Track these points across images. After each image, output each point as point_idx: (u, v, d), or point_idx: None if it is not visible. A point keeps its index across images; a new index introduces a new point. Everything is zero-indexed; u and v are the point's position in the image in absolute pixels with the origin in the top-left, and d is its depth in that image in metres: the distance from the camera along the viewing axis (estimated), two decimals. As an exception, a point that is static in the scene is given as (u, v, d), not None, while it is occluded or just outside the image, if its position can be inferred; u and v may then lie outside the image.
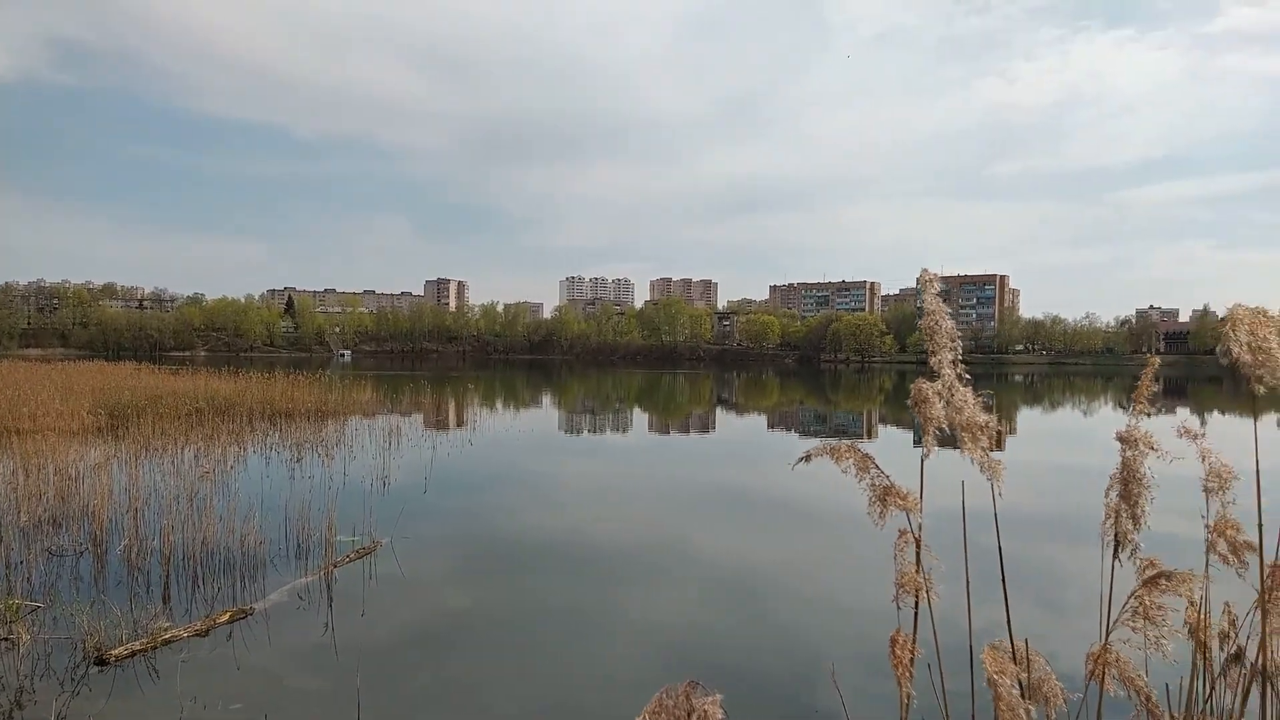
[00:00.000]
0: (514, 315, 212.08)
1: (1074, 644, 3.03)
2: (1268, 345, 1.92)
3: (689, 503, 17.66)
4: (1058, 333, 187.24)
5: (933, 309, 2.30)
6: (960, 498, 2.53)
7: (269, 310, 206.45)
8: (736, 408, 52.02)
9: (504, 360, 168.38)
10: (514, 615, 9.79)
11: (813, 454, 2.30)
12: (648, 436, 33.15)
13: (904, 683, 2.02)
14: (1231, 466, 2.48)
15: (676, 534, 14.38)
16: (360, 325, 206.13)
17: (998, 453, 2.64)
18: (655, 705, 2.00)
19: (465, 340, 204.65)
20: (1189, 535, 2.85)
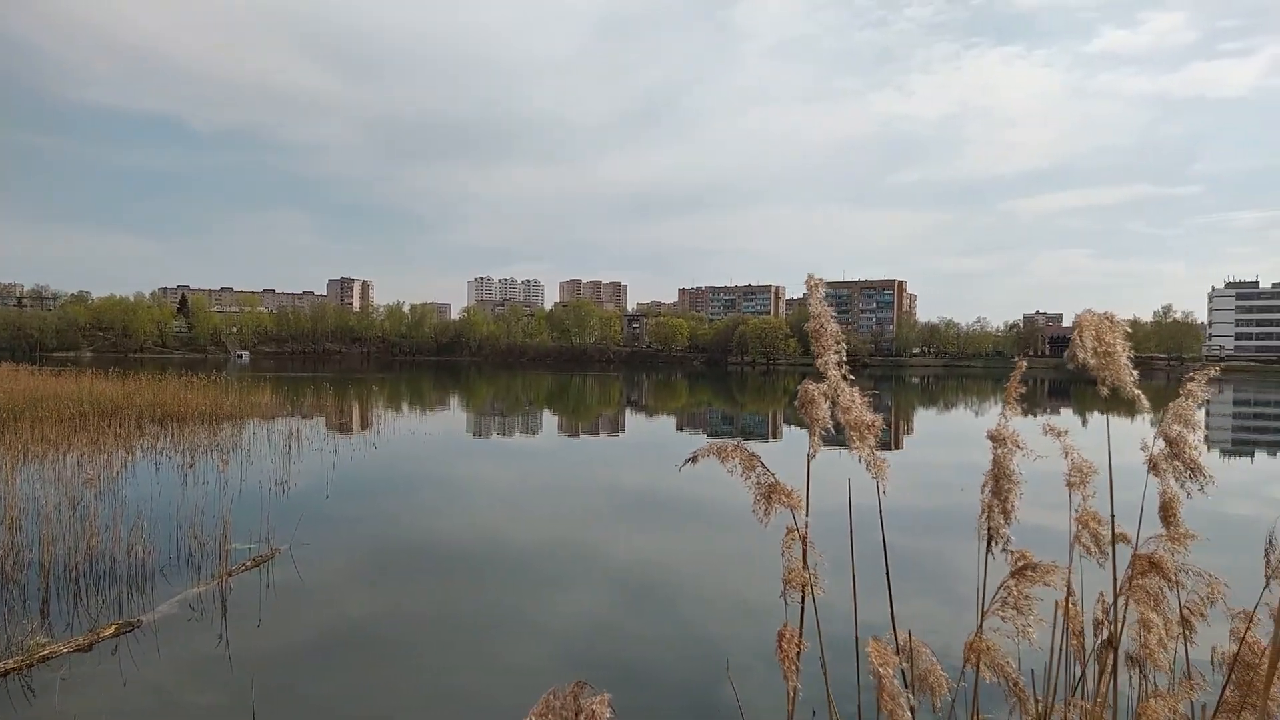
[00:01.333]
0: (421, 316, 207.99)
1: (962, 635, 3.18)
2: (1113, 350, 2.07)
3: (596, 504, 17.70)
4: (951, 336, 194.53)
5: (818, 313, 2.38)
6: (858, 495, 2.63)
7: (161, 309, 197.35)
8: (646, 409, 52.30)
9: (410, 362, 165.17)
10: (417, 621, 9.65)
11: (699, 454, 2.36)
12: (557, 438, 33.05)
13: (790, 676, 2.10)
14: (1091, 462, 2.65)
15: (583, 535, 14.40)
16: (259, 325, 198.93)
17: (896, 452, 2.76)
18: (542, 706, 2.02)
19: (370, 341, 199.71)
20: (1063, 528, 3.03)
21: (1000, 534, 2.35)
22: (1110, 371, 2.10)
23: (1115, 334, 2.12)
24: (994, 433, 2.43)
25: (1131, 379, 2.12)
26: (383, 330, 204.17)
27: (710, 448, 2.35)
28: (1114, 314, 2.16)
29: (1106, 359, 2.09)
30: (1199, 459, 2.49)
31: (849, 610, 2.75)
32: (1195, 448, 2.50)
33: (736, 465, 2.32)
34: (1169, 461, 2.50)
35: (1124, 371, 2.11)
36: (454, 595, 10.63)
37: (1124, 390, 2.10)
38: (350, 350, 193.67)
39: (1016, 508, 2.36)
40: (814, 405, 2.33)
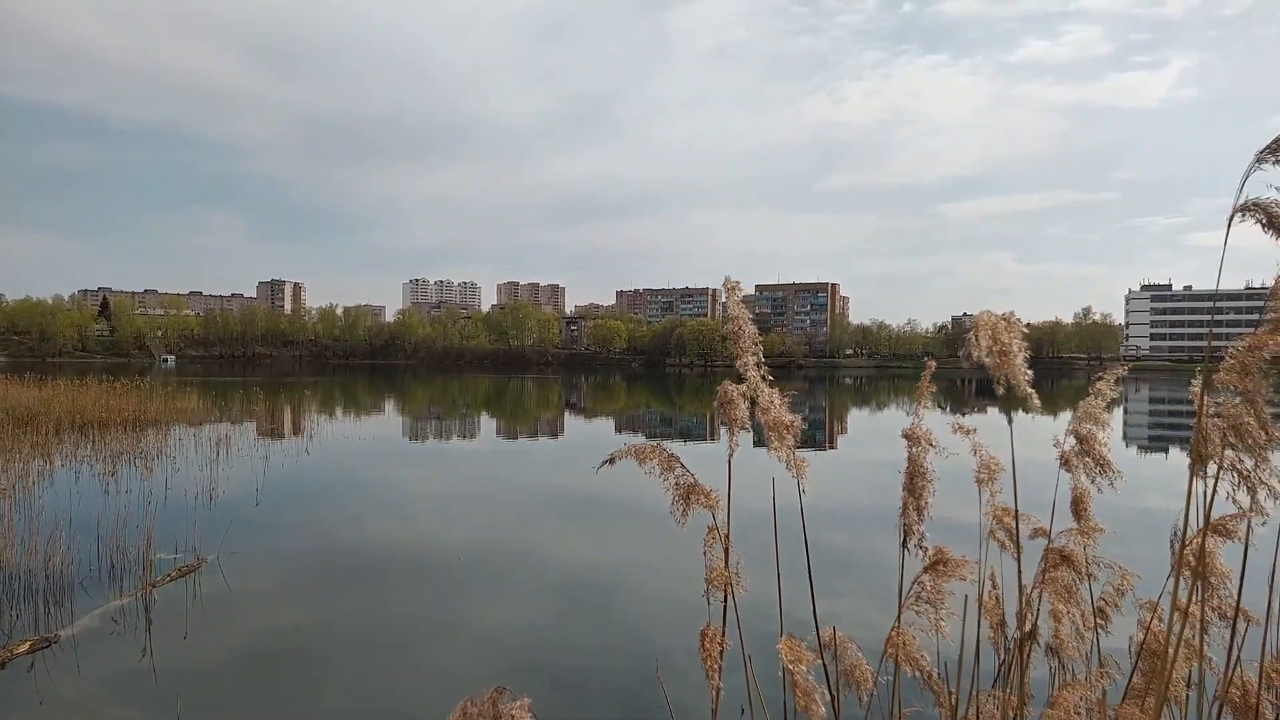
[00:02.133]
0: (354, 319, 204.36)
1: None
2: (1009, 349, 2.15)
3: (534, 508, 17.62)
4: (883, 338, 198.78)
5: (736, 315, 2.43)
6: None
7: (81, 312, 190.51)
8: (585, 412, 52.23)
9: (344, 365, 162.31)
10: (351, 629, 9.49)
11: (616, 456, 2.38)
12: (494, 442, 32.82)
13: (713, 675, 2.13)
14: (999, 460, 2.76)
15: (520, 539, 14.33)
16: (185, 328, 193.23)
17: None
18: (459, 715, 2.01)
19: (302, 345, 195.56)
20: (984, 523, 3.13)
21: (914, 531, 2.42)
22: (1006, 370, 2.19)
23: (1012, 334, 2.20)
24: (908, 431, 2.51)
25: (1025, 378, 2.21)
26: (315, 333, 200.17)
27: (628, 449, 2.38)
28: (1012, 314, 2.25)
29: (1002, 358, 2.17)
30: (1108, 455, 2.60)
31: (787, 608, 2.79)
32: (1104, 444, 2.62)
33: (655, 466, 2.35)
34: (1079, 458, 2.62)
35: (1018, 371, 2.20)
36: (387, 603, 10.48)
37: (1018, 389, 2.19)
38: (282, 354, 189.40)
39: (930, 504, 2.44)
40: (732, 406, 2.37)
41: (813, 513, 2.88)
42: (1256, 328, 1.94)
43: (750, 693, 2.34)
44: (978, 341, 2.12)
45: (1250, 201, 1.84)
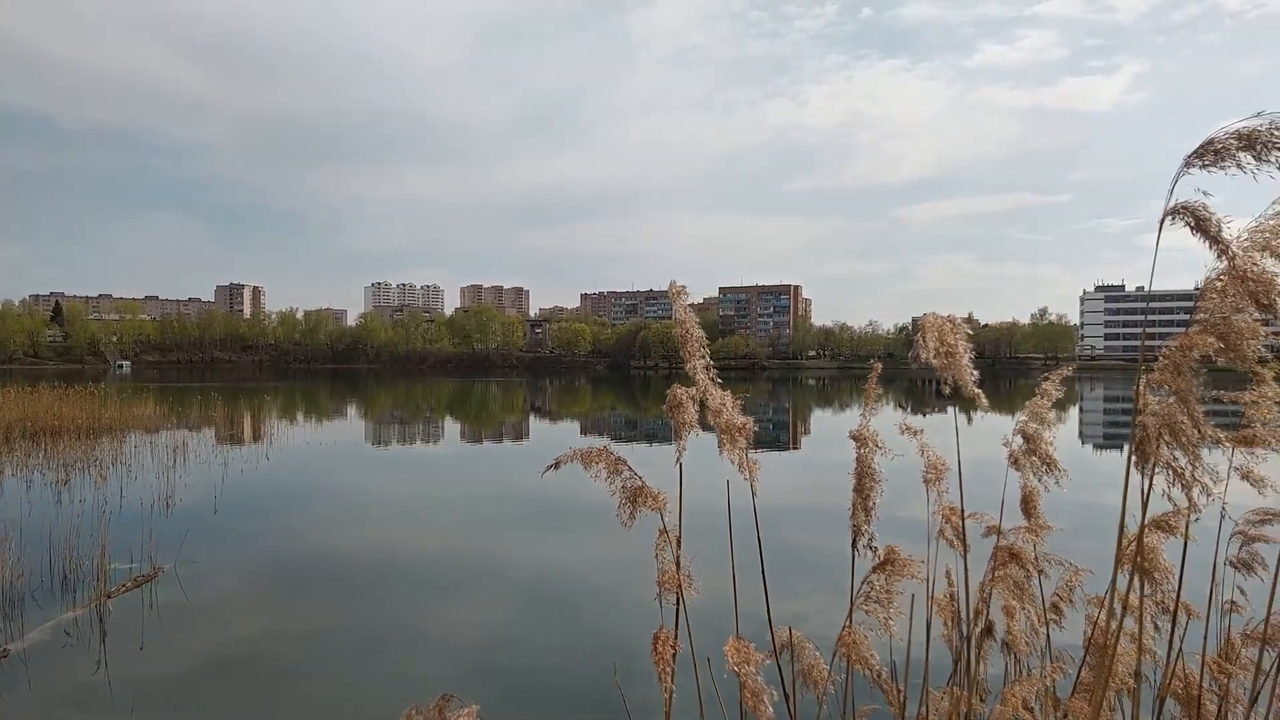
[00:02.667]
0: (315, 323, 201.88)
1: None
2: (955, 350, 2.20)
3: (498, 512, 17.54)
4: (845, 339, 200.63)
5: (683, 319, 2.44)
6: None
7: (32, 318, 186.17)
8: (550, 415, 52.10)
9: (305, 370, 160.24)
10: (312, 638, 9.38)
11: (562, 460, 2.39)
12: (459, 446, 32.61)
13: (665, 678, 2.14)
14: (945, 460, 2.81)
15: (485, 544, 14.26)
16: (141, 334, 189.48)
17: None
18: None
19: (262, 350, 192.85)
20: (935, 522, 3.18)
21: (864, 531, 2.46)
22: (952, 371, 2.23)
23: (957, 335, 2.25)
24: (856, 433, 2.55)
25: (972, 378, 2.26)
26: (275, 338, 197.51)
27: (573, 453, 2.39)
28: (957, 316, 2.30)
29: (949, 359, 2.21)
30: (1054, 454, 2.66)
31: (745, 610, 2.81)
32: (1050, 444, 2.68)
33: (601, 470, 2.36)
34: (1026, 457, 2.68)
35: (965, 372, 2.25)
36: (350, 610, 10.38)
37: (965, 389, 2.24)
38: (241, 359, 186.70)
39: (878, 505, 2.48)
40: (681, 409, 2.39)
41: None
42: (1188, 328, 2.00)
43: (702, 695, 2.35)
44: (925, 343, 2.16)
45: (1179, 205, 1.90)
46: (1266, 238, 1.87)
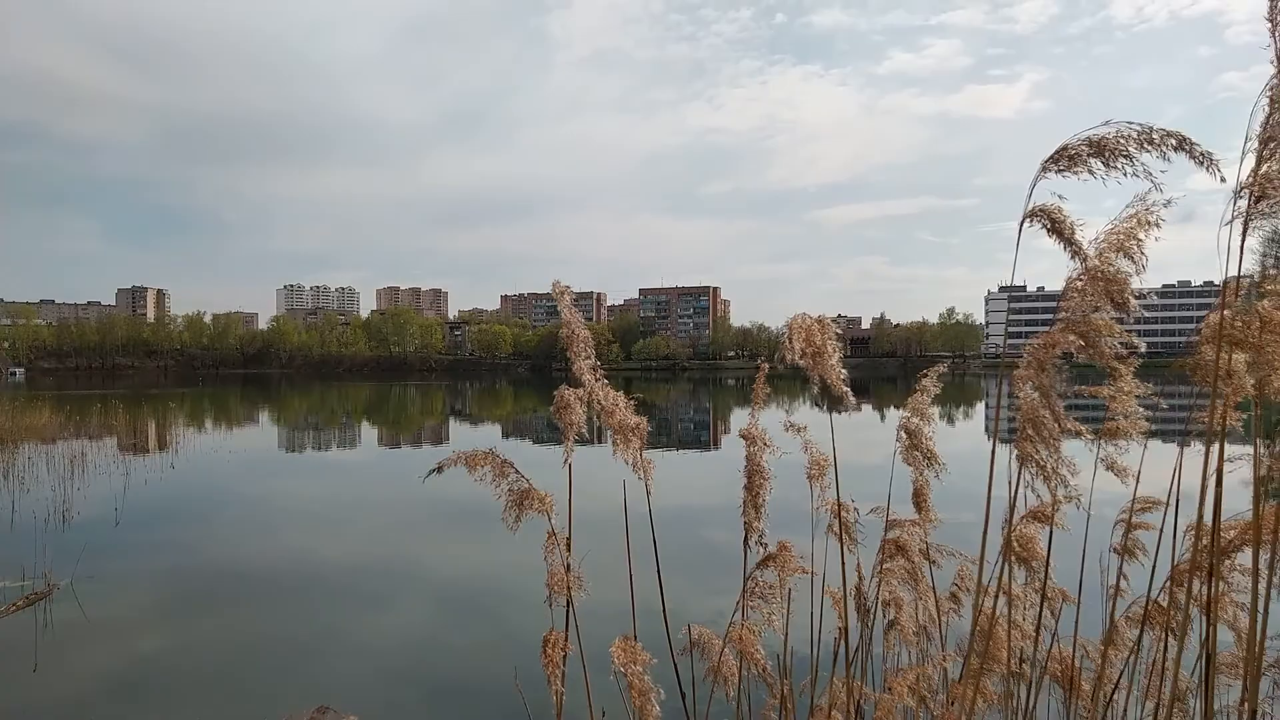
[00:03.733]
0: (225, 326, 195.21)
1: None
2: (823, 350, 2.27)
3: (419, 517, 17.25)
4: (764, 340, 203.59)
5: (568, 319, 2.45)
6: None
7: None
8: (471, 418, 51.53)
9: (214, 375, 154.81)
10: (225, 652, 9.08)
11: (444, 465, 2.38)
12: (376, 451, 31.99)
13: (554, 680, 2.15)
14: (827, 455, 2.89)
15: (403, 550, 14.03)
16: (36, 339, 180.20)
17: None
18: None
19: (167, 355, 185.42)
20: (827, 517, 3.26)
21: (755, 528, 2.51)
22: (820, 370, 2.30)
23: (825, 335, 2.31)
24: (745, 432, 2.60)
25: (840, 376, 2.32)
26: (182, 342, 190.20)
27: (458, 456, 2.38)
28: (826, 317, 2.37)
29: (817, 359, 2.28)
30: (934, 448, 2.76)
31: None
32: (930, 438, 2.78)
33: (486, 473, 2.36)
34: (910, 452, 2.77)
35: (830, 370, 2.31)
36: (260, 622, 10.09)
37: (834, 388, 2.30)
38: (145, 365, 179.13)
39: (767, 502, 2.53)
40: (569, 410, 2.40)
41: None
42: (1051, 326, 2.10)
43: (591, 696, 2.37)
44: (791, 344, 2.22)
45: (1037, 208, 1.99)
46: (1121, 239, 1.98)
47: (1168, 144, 1.76)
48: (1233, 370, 1.95)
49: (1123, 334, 2.01)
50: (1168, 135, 1.76)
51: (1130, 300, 1.95)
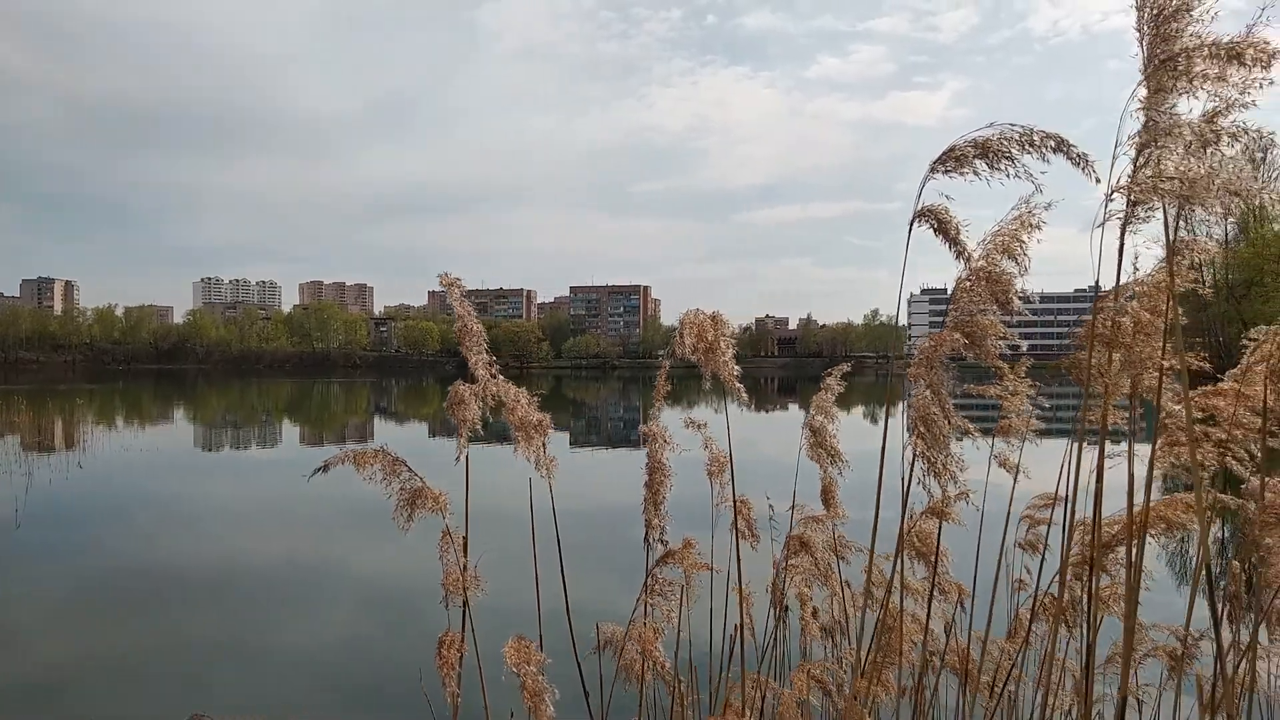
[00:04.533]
0: (137, 320, 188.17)
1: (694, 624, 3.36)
2: (715, 346, 2.29)
3: (342, 518, 16.87)
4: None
5: (461, 313, 2.42)
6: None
7: None
8: (397, 416, 50.70)
9: (126, 371, 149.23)
10: (138, 659, 8.72)
11: (331, 463, 2.33)
12: (298, 450, 31.20)
13: (449, 682, 2.12)
14: (724, 452, 2.91)
15: (325, 550, 13.72)
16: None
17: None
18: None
19: (75, 349, 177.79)
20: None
21: (655, 526, 2.51)
22: (712, 366, 2.32)
23: (718, 331, 2.33)
24: (646, 430, 2.60)
25: (733, 372, 2.34)
26: (91, 336, 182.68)
27: (346, 454, 2.33)
28: (721, 313, 2.39)
29: (709, 354, 2.29)
30: (838, 445, 2.81)
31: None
32: (834, 436, 2.82)
33: (376, 471, 2.31)
34: (815, 449, 2.81)
35: (723, 366, 2.33)
36: (177, 628, 9.72)
37: (727, 384, 2.32)
38: (51, 359, 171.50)
39: (667, 499, 2.53)
40: (463, 406, 2.37)
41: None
42: (942, 327, 2.15)
43: (488, 698, 2.34)
44: (683, 339, 2.22)
45: (924, 208, 2.04)
46: (1006, 241, 2.03)
47: (1047, 146, 1.81)
48: (1104, 370, 2.02)
49: (1007, 334, 2.06)
50: (1047, 137, 1.81)
51: (1014, 300, 2.00)
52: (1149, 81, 1.62)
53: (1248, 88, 1.55)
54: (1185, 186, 1.55)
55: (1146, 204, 1.70)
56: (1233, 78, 1.52)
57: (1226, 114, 1.60)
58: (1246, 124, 1.59)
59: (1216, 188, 1.53)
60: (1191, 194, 1.54)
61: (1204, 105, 1.62)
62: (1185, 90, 1.58)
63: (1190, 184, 1.54)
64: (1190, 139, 1.58)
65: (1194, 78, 1.55)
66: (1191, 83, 1.56)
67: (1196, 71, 1.54)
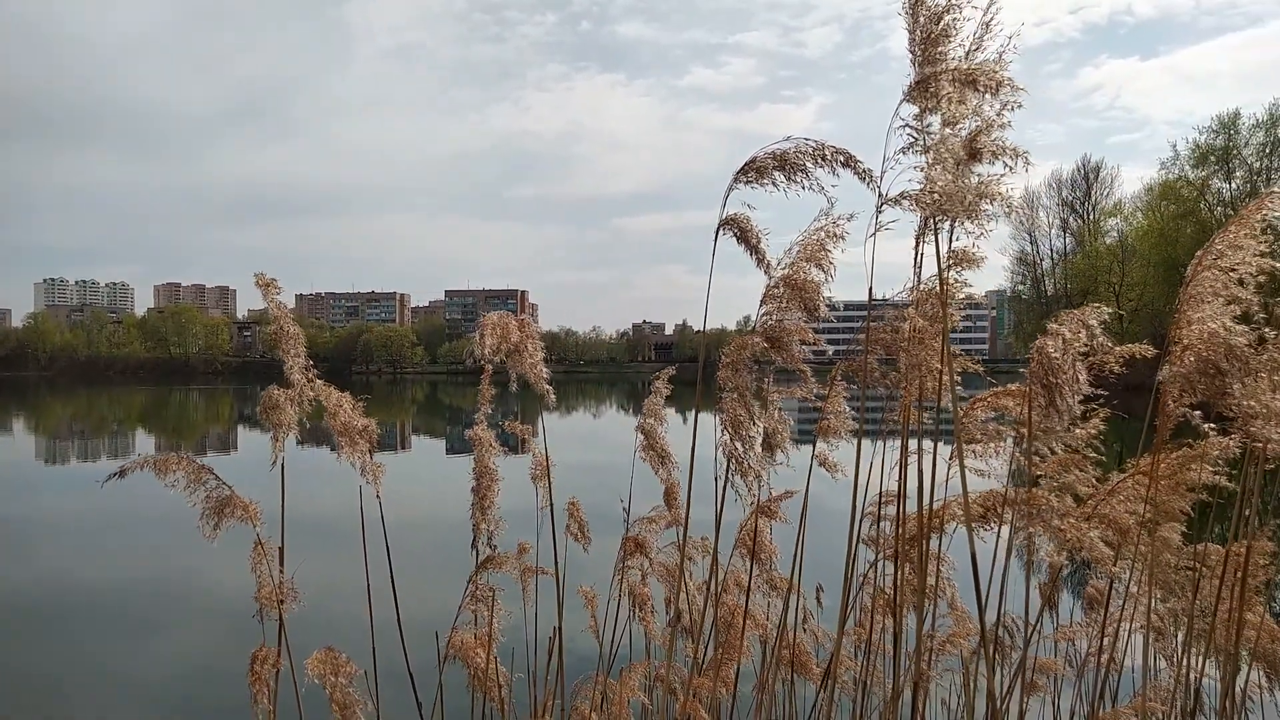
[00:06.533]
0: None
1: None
2: (522, 348, 2.33)
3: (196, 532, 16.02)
4: (571, 344, 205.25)
5: (277, 315, 2.37)
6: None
7: None
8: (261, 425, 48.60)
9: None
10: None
11: (128, 468, 2.24)
12: (147, 461, 29.47)
13: (261, 698, 2.07)
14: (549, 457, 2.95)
15: (189, 569, 12.96)
16: None
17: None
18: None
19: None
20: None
21: (481, 530, 2.50)
22: (519, 367, 2.35)
23: (524, 334, 2.36)
24: (472, 435, 2.60)
25: (542, 374, 2.38)
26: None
27: (144, 459, 2.24)
28: (526, 318, 2.42)
29: (515, 357, 2.32)
30: (668, 448, 2.88)
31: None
32: (663, 438, 2.89)
33: (179, 478, 2.24)
34: (647, 451, 2.87)
35: (531, 369, 2.37)
36: (13, 656, 8.99)
37: (535, 386, 2.36)
38: None
39: (496, 504, 2.53)
40: (279, 410, 2.32)
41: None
42: (751, 332, 2.24)
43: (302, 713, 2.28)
44: (482, 340, 2.23)
45: (729, 217, 2.12)
46: (812, 249, 2.13)
47: (837, 160, 1.92)
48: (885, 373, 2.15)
49: (814, 339, 2.16)
50: (837, 152, 1.92)
51: (821, 306, 2.10)
52: (912, 101, 1.74)
53: (1003, 109, 1.69)
54: (944, 199, 1.67)
55: (933, 216, 1.81)
56: (970, 100, 1.65)
57: (988, 133, 1.74)
58: (1004, 142, 1.73)
59: (968, 200, 1.65)
60: (949, 206, 1.67)
61: (969, 125, 1.75)
62: (933, 109, 1.71)
63: (947, 196, 1.66)
64: (949, 156, 1.70)
65: (940, 99, 1.68)
66: (939, 104, 1.69)
67: (943, 94, 1.67)
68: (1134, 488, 2.29)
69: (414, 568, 2.67)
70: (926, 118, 1.73)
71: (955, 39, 1.74)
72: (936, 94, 1.66)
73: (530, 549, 2.65)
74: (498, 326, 2.25)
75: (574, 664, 3.00)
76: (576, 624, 3.07)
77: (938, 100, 1.66)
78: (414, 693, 2.58)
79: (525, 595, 2.73)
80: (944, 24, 1.75)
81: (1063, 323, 1.90)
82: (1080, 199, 75.28)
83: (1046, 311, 68.52)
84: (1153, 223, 61.86)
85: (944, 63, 1.71)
